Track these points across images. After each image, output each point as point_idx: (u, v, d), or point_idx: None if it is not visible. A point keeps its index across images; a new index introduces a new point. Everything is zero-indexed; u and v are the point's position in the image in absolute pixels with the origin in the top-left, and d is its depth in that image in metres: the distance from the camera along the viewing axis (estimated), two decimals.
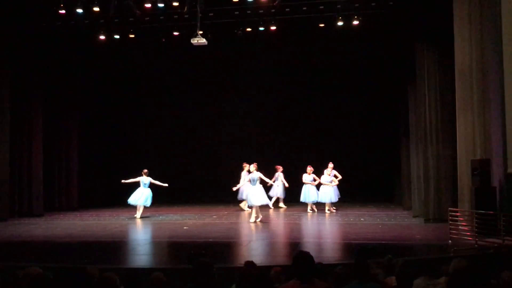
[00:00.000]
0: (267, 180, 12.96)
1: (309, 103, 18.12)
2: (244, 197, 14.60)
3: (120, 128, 18.82)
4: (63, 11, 12.85)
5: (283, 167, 15.57)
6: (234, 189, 13.37)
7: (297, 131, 18.17)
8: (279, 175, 15.37)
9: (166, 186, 14.06)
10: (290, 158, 16.06)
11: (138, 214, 13.81)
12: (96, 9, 12.68)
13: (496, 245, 8.46)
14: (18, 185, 14.64)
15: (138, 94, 18.73)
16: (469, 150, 10.11)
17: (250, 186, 12.75)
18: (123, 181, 13.98)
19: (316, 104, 18.03)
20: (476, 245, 8.75)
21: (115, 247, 9.83)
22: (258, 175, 12.71)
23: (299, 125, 18.21)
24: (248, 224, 12.44)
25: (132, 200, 13.89)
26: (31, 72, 14.92)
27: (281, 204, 15.64)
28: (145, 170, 14.11)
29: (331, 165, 14.83)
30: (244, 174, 14.69)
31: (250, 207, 13.21)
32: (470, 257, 6.71)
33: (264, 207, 13.80)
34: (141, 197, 13.81)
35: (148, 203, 13.90)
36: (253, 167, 12.82)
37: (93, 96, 17.57)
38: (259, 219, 12.62)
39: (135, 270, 4.82)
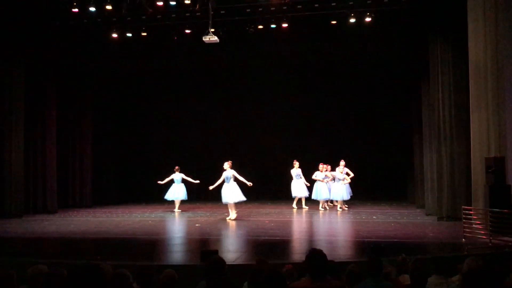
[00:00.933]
0: (242, 179, 12.61)
1: (321, 100, 18.07)
2: (298, 195, 14.88)
3: (133, 126, 18.95)
4: (76, 10, 12.95)
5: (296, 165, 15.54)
6: (211, 188, 12.93)
7: (309, 128, 18.13)
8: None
9: (197, 183, 14.76)
10: (302, 156, 16.00)
11: (176, 207, 14.73)
12: (109, 7, 12.75)
13: (510, 243, 8.36)
14: (33, 183, 14.82)
15: (151, 92, 18.84)
16: (483, 148, 10.00)
17: (227, 184, 12.55)
18: (159, 182, 14.84)
19: (328, 101, 17.97)
20: (490, 244, 8.65)
21: (128, 244, 9.90)
22: (231, 172, 12.50)
23: (311, 123, 18.16)
24: (260, 221, 12.43)
25: (169, 196, 14.85)
26: (45, 70, 15.09)
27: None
28: (177, 167, 15.01)
29: (342, 162, 14.79)
30: (293, 171, 14.90)
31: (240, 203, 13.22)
32: (484, 256, 6.64)
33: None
34: (176, 192, 14.74)
35: (185, 197, 14.88)
36: (227, 164, 12.59)
37: (106, 94, 17.72)
38: (234, 217, 12.57)
39: (148, 267, 4.85)
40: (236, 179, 12.54)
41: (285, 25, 13.79)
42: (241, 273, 5.09)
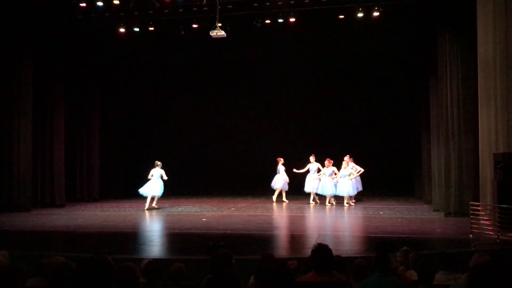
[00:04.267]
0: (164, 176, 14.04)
1: (328, 95, 17.99)
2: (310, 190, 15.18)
3: (141, 120, 18.99)
4: (84, 4, 12.98)
5: (302, 160, 15.53)
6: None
7: (317, 123, 18.07)
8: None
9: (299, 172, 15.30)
10: (309, 151, 15.98)
11: (284, 197, 15.43)
12: (116, 2, 12.77)
13: None
14: (41, 177, 14.92)
15: (158, 86, 18.86)
16: (492, 143, 9.94)
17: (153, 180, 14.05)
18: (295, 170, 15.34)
19: (336, 96, 17.90)
20: (498, 240, 8.62)
21: (136, 237, 9.96)
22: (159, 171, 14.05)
23: (318, 118, 18.11)
24: (267, 216, 12.46)
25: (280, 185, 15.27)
26: (53, 65, 15.15)
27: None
28: (280, 158, 15.49)
29: (346, 158, 14.73)
30: (312, 166, 15.10)
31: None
32: (492, 252, 6.62)
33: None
34: (278, 182, 15.37)
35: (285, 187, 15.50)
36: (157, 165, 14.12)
37: (114, 89, 17.76)
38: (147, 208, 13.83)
39: (155, 261, 4.89)
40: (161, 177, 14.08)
41: (292, 19, 13.74)
42: (247, 268, 5.11)
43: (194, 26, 14.21)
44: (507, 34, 9.72)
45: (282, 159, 15.52)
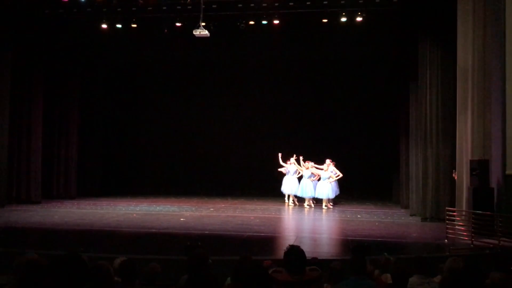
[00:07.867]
0: None
1: (309, 99, 18.07)
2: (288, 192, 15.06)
3: (120, 118, 18.78)
4: None
5: (282, 163, 15.54)
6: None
7: (297, 126, 18.12)
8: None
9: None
10: (289, 154, 16.02)
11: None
12: None
13: (492, 245, 8.48)
14: (17, 172, 14.63)
15: (139, 83, 18.71)
16: (468, 150, 10.11)
17: None
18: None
19: (317, 100, 17.99)
20: (472, 245, 8.77)
21: (112, 236, 9.84)
22: None
23: (299, 121, 18.16)
24: (246, 217, 12.44)
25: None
26: (33, 59, 14.86)
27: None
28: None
29: (328, 161, 14.81)
30: (291, 168, 14.89)
31: None
32: (466, 257, 6.72)
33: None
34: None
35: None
36: None
37: (94, 85, 17.53)
38: None
39: (131, 260, 4.82)
40: None
41: (276, 21, 13.78)
42: (224, 268, 5.09)
43: (178, 24, 14.14)
44: (485, 43, 9.91)
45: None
